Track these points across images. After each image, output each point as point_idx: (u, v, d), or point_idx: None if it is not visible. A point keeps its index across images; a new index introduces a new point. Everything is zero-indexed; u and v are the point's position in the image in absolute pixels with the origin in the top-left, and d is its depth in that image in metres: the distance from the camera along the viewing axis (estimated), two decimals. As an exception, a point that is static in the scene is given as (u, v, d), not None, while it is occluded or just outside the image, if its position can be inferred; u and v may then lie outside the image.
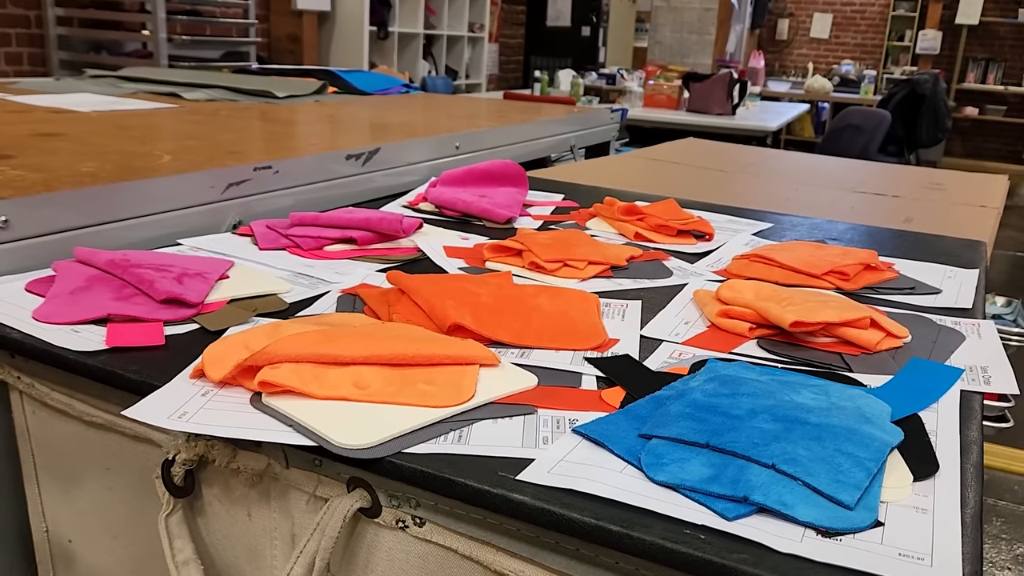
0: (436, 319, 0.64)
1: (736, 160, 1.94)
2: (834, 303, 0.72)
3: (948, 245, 1.11)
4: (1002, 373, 0.62)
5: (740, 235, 1.08)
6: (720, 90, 4.34)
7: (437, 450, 0.48)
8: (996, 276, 4.53)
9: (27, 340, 0.61)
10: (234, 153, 1.06)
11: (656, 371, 0.60)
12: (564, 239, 0.91)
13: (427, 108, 1.91)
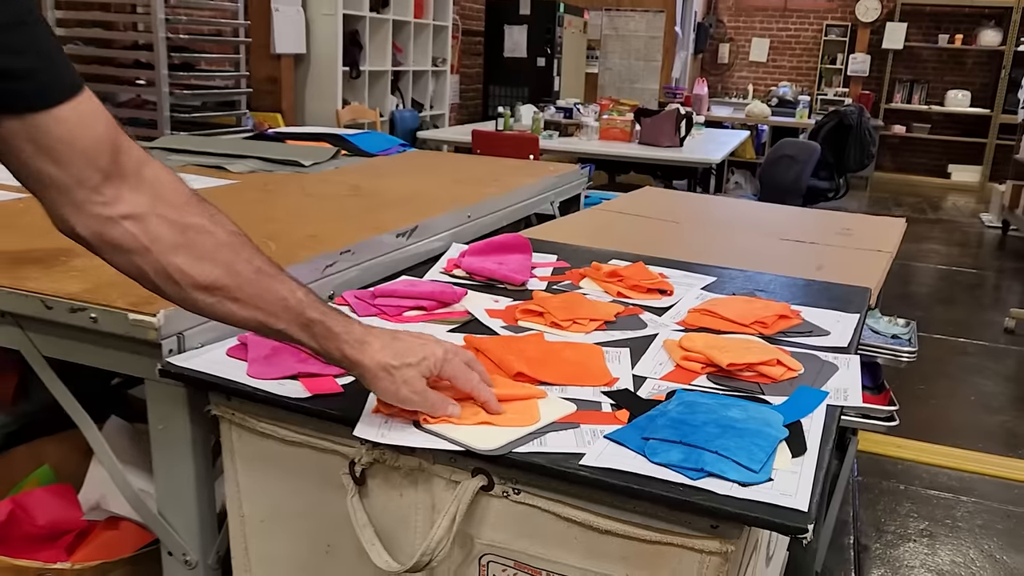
0: (504, 369, 1.01)
1: (687, 209, 2.33)
2: (755, 348, 1.11)
3: (842, 292, 1.51)
4: (855, 393, 1.01)
5: (692, 289, 1.46)
6: (669, 124, 4.77)
7: (529, 450, 0.84)
8: (919, 288, 5.04)
9: (244, 389, 0.96)
10: (313, 237, 1.41)
11: (646, 398, 0.97)
12: (571, 302, 1.28)
13: (430, 171, 2.27)
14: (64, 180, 0.71)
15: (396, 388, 0.83)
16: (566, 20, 7.50)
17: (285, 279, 0.82)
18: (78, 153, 0.71)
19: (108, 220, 0.74)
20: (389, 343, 0.83)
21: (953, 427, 3.07)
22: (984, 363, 3.80)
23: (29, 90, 0.68)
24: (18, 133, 0.69)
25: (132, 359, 1.03)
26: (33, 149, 0.70)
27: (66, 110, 0.70)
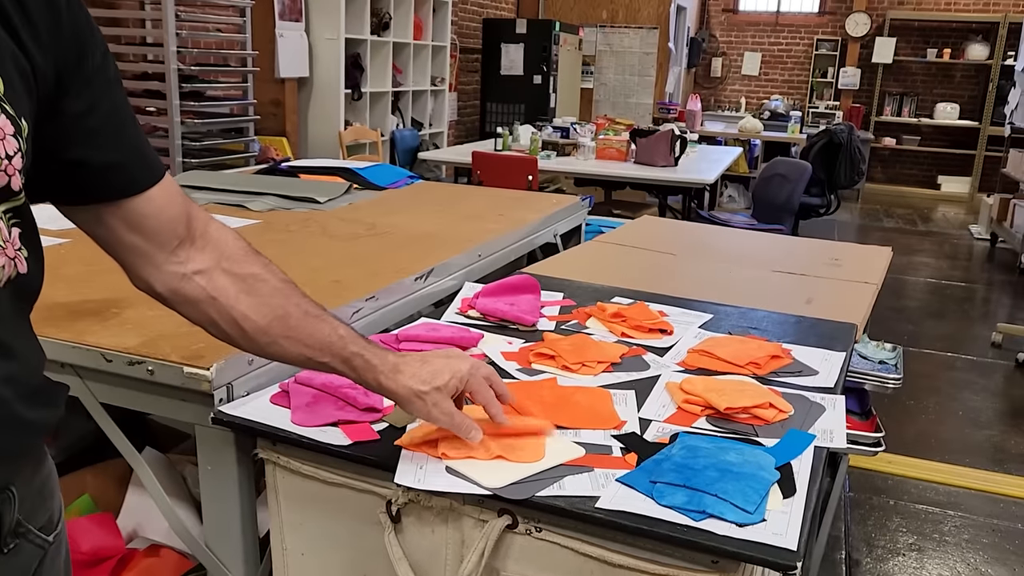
0: (523, 414, 1.11)
1: (683, 240, 2.44)
2: (749, 390, 1.22)
3: (830, 329, 1.62)
4: (840, 435, 1.12)
5: (691, 328, 1.57)
6: (663, 145, 4.89)
7: (550, 493, 0.95)
8: (909, 303, 5.16)
9: (290, 436, 1.06)
10: (339, 283, 1.52)
11: (651, 441, 1.08)
12: (579, 344, 1.39)
13: (438, 205, 2.38)
14: (148, 249, 0.82)
15: (428, 411, 0.94)
16: (562, 38, 7.63)
17: (329, 319, 0.93)
18: (161, 226, 0.82)
19: (182, 277, 0.85)
20: (418, 370, 0.94)
21: (941, 442, 3.18)
22: (972, 378, 3.92)
23: (125, 180, 0.78)
24: (113, 214, 0.79)
25: (185, 407, 1.14)
26: (124, 226, 0.80)
27: (153, 192, 0.80)
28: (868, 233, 7.46)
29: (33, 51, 0.67)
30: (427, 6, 6.26)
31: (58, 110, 0.71)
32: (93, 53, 0.73)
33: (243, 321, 0.87)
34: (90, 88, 0.73)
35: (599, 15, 8.84)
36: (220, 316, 0.86)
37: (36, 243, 0.71)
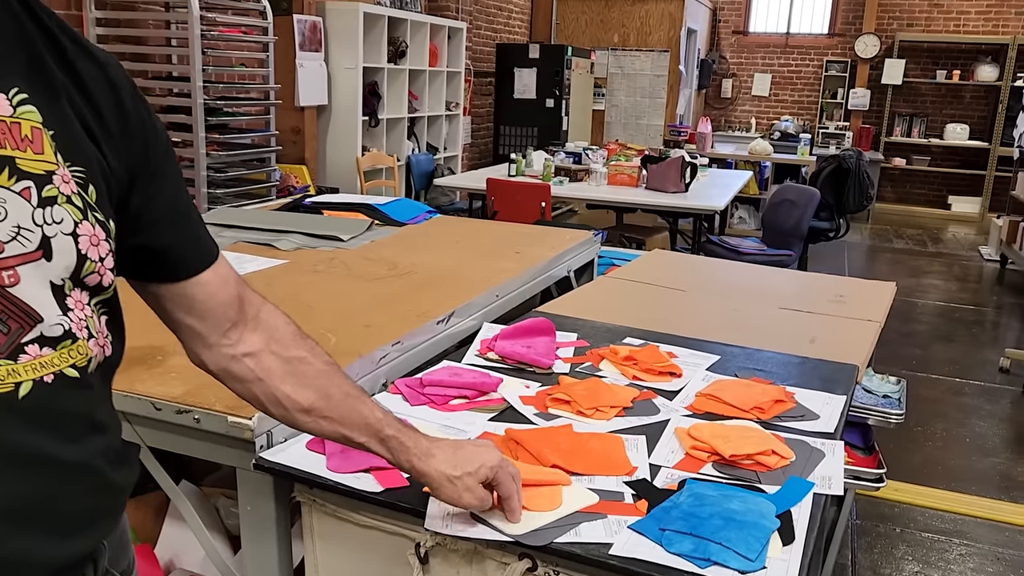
0: (541, 460, 1.20)
1: (692, 276, 2.52)
2: (754, 436, 1.30)
3: (832, 370, 1.70)
4: (838, 481, 1.20)
5: (699, 370, 1.65)
6: (674, 171, 4.97)
7: (567, 539, 1.03)
8: (918, 326, 5.21)
9: (326, 482, 1.15)
10: (368, 327, 1.61)
11: (661, 488, 1.16)
12: (593, 389, 1.47)
13: (455, 242, 2.47)
14: (201, 329, 0.90)
15: (458, 495, 1.00)
16: (574, 63, 7.75)
17: (367, 401, 1.00)
18: (214, 309, 0.90)
19: (233, 358, 0.92)
20: (451, 455, 1.01)
21: (948, 469, 3.24)
22: (979, 404, 3.97)
23: (179, 264, 0.87)
24: (168, 296, 0.88)
25: (228, 452, 1.23)
26: (178, 307, 0.89)
27: (206, 276, 0.89)
28: (877, 255, 7.52)
29: (110, 156, 0.76)
30: (442, 33, 6.39)
31: (126, 202, 0.80)
32: (156, 146, 0.82)
33: (286, 401, 0.94)
34: (154, 181, 0.82)
35: (610, 39, 8.96)
36: (265, 395, 0.94)
37: (120, 326, 0.81)
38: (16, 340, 0.67)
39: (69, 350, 0.71)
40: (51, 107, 0.71)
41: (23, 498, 0.68)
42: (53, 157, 0.70)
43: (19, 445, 0.67)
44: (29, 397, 0.67)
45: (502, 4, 8.30)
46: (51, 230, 0.68)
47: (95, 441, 0.75)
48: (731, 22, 10.38)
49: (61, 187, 0.70)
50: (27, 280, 0.67)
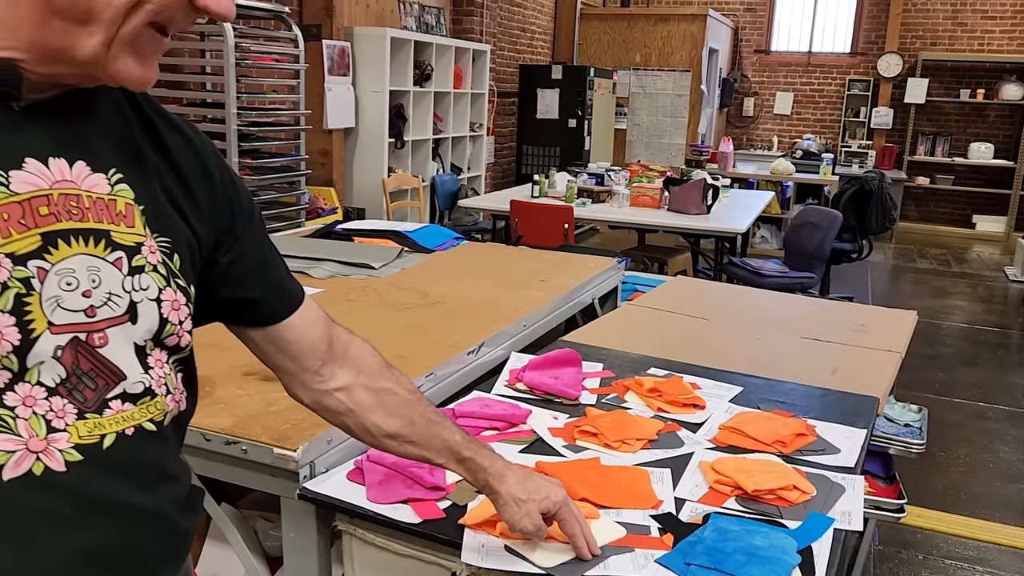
0: (570, 493, 1.25)
1: (715, 303, 2.57)
2: (776, 471, 1.34)
3: (853, 403, 1.74)
4: (857, 517, 1.24)
5: (722, 402, 1.70)
6: (696, 193, 5.02)
7: (595, 573, 1.08)
8: (943, 349, 5.20)
9: (367, 513, 1.21)
10: (403, 358, 1.68)
11: (686, 522, 1.21)
12: (619, 421, 1.53)
13: (482, 269, 2.53)
14: (294, 368, 0.98)
15: (519, 518, 1.05)
16: (596, 83, 7.83)
17: (448, 425, 1.07)
18: (304, 349, 0.97)
19: (325, 393, 1.00)
20: (522, 480, 1.07)
21: (971, 496, 3.24)
22: (1004, 428, 3.97)
23: (267, 312, 0.94)
24: (261, 339, 0.96)
25: (273, 481, 1.29)
26: (270, 349, 0.97)
27: (294, 319, 0.96)
28: (901, 275, 7.50)
29: (196, 225, 0.84)
30: (467, 56, 6.49)
31: (213, 262, 0.88)
32: (241, 210, 0.90)
33: (374, 429, 1.02)
34: (240, 242, 0.90)
35: (632, 59, 9.03)
36: (355, 425, 1.02)
37: (194, 382, 0.88)
38: (102, 396, 0.73)
39: (148, 405, 0.77)
40: (143, 184, 0.78)
41: (105, 543, 0.74)
42: (142, 230, 0.77)
43: (102, 493, 0.73)
44: (112, 448, 0.74)
45: (525, 26, 8.40)
46: (138, 296, 0.76)
47: (167, 490, 0.81)
48: (753, 41, 10.42)
49: (148, 257, 0.77)
50: (114, 341, 0.74)
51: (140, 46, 0.70)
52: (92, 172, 0.74)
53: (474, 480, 1.07)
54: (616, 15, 9.43)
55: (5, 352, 0.67)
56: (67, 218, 0.71)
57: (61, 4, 0.66)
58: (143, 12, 0.68)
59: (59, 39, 0.68)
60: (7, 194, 0.68)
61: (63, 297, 0.70)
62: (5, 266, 0.67)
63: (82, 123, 0.75)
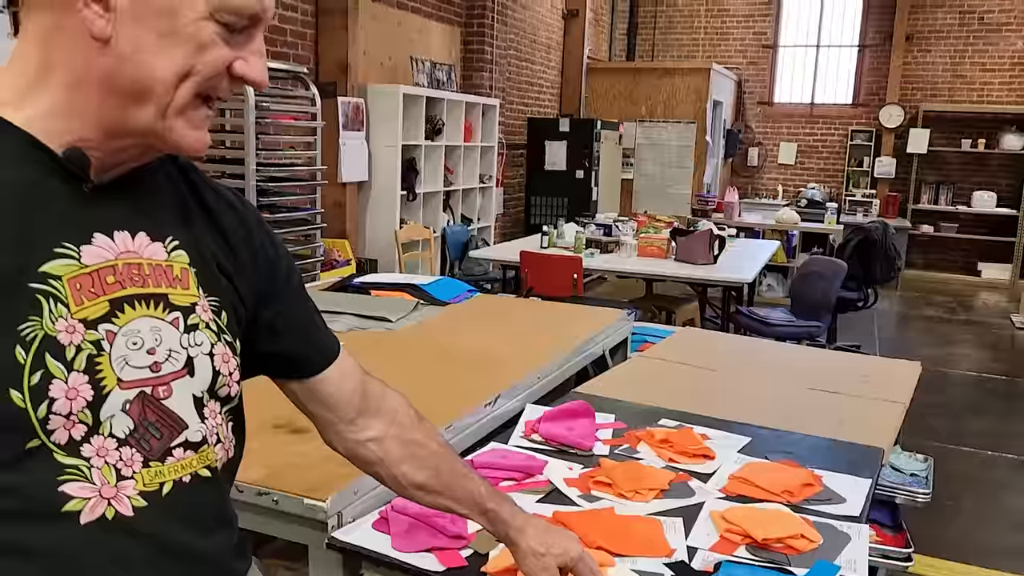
0: (587, 542, 1.31)
1: (723, 354, 2.63)
2: (784, 520, 1.40)
3: (859, 454, 1.79)
4: (863, 565, 1.30)
5: (731, 452, 1.76)
6: (703, 244, 5.11)
7: (614, 617, 1.14)
8: (950, 398, 5.23)
9: (392, 561, 1.27)
10: (422, 410, 1.74)
11: (698, 570, 1.27)
12: (632, 472, 1.59)
13: (495, 322, 2.61)
14: (330, 418, 1.05)
15: (538, 571, 1.09)
16: (603, 135, 7.99)
17: (473, 478, 1.13)
18: (339, 401, 1.05)
19: (358, 443, 1.07)
20: (542, 534, 1.11)
21: (980, 546, 3.26)
22: (1012, 478, 3.98)
23: (304, 366, 1.02)
24: (300, 391, 1.03)
25: (302, 531, 1.36)
26: (310, 400, 1.04)
27: (331, 372, 1.03)
28: (907, 323, 7.54)
29: (240, 285, 0.92)
30: (477, 110, 6.66)
31: (255, 318, 0.96)
32: (281, 270, 0.99)
33: (403, 479, 1.08)
34: (279, 300, 0.98)
35: (638, 111, 9.22)
36: (385, 474, 1.09)
37: (242, 430, 0.95)
38: (166, 444, 0.81)
39: (205, 453, 0.85)
40: (195, 250, 0.87)
41: None
42: (196, 291, 0.86)
43: (165, 537, 0.81)
44: (170, 495, 0.81)
45: (533, 80, 8.61)
46: (194, 351, 0.84)
47: (222, 534, 0.88)
48: (756, 93, 10.63)
49: (201, 315, 0.85)
50: (177, 394, 0.82)
51: (190, 115, 0.79)
52: (152, 241, 0.83)
53: (495, 531, 1.12)
54: (622, 69, 9.64)
55: (81, 407, 0.75)
56: (131, 284, 0.80)
57: (118, 84, 0.75)
58: (190, 84, 0.77)
59: (119, 115, 0.77)
60: (79, 267, 0.77)
61: (130, 356, 0.78)
62: (79, 330, 0.75)
63: (142, 198, 0.84)
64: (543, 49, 8.79)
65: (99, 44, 0.74)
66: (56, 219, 0.77)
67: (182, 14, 0.74)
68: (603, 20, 10.50)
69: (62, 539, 0.74)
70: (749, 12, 10.51)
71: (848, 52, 10.24)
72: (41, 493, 0.74)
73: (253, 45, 0.80)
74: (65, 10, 0.74)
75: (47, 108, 0.76)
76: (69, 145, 0.77)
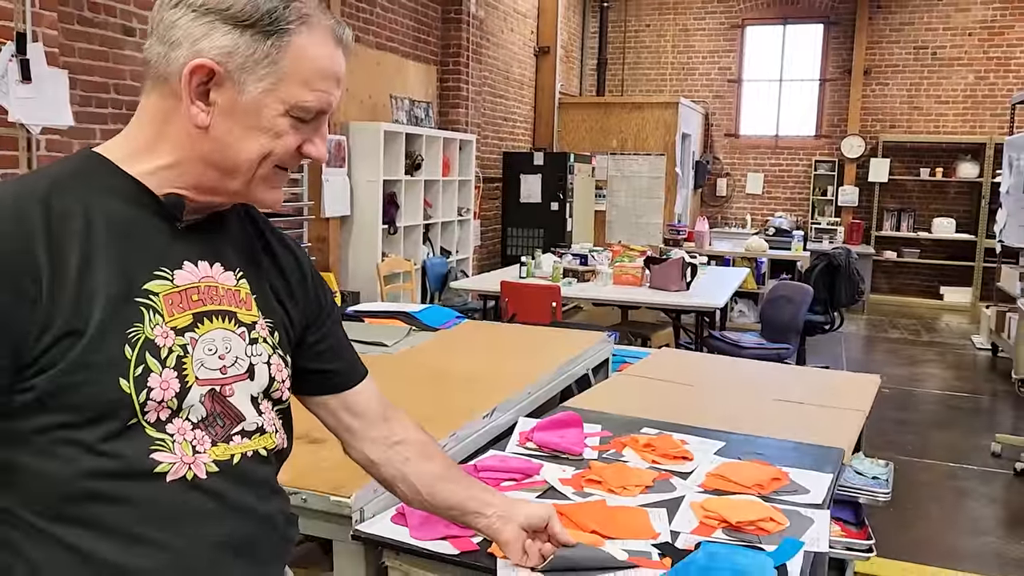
0: (582, 528, 1.48)
1: (698, 371, 2.83)
2: (756, 507, 1.58)
3: (822, 453, 1.98)
4: (824, 541, 1.48)
5: (707, 454, 1.94)
6: (676, 271, 5.33)
7: (609, 588, 1.31)
8: (914, 415, 5.46)
9: (411, 548, 1.43)
10: (428, 420, 1.91)
11: (681, 548, 1.44)
12: (620, 472, 1.76)
13: (485, 345, 2.78)
14: (361, 427, 1.22)
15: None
16: (577, 168, 8.24)
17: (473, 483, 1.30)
18: (368, 410, 1.22)
19: (387, 447, 1.23)
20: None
21: (943, 549, 3.45)
22: (973, 486, 4.20)
23: (341, 381, 1.20)
24: (336, 404, 1.20)
25: (328, 527, 1.51)
26: (345, 412, 1.21)
27: (362, 387, 1.22)
28: (874, 345, 7.81)
29: (292, 311, 1.12)
30: (454, 145, 6.88)
31: (302, 341, 1.15)
32: (326, 303, 1.18)
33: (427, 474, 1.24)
34: (323, 327, 1.17)
35: (610, 144, 9.51)
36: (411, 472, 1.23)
37: (291, 429, 1.13)
38: (228, 432, 1.00)
39: (260, 439, 1.03)
40: (257, 281, 1.07)
41: (233, 536, 0.99)
42: (256, 313, 1.05)
43: (232, 497, 0.98)
44: (239, 465, 1.00)
45: (507, 115, 8.87)
46: (255, 360, 1.03)
47: (277, 502, 1.07)
48: (723, 126, 10.99)
49: (260, 332, 1.05)
50: (238, 393, 1.01)
51: (270, 180, 1.00)
52: (224, 271, 1.03)
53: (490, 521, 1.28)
54: (593, 104, 9.95)
55: (170, 397, 0.94)
56: (210, 303, 1.00)
57: (213, 161, 0.96)
58: (269, 161, 0.98)
59: (214, 181, 0.98)
60: (171, 286, 0.96)
61: (205, 359, 0.98)
62: (171, 336, 0.95)
63: (219, 237, 1.05)
64: (516, 85, 9.07)
65: (200, 131, 0.94)
66: (156, 249, 0.97)
67: (264, 113, 0.95)
68: (573, 56, 10.84)
69: (154, 493, 0.92)
70: (714, 48, 10.90)
71: (810, 86, 10.65)
72: (138, 458, 0.92)
73: (320, 129, 1.00)
74: (177, 104, 0.95)
75: (154, 168, 0.97)
76: (170, 193, 0.97)
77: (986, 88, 9.80)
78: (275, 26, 0.93)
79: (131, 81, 4.23)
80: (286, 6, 0.94)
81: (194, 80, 0.92)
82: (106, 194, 0.94)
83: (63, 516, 0.90)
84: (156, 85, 0.96)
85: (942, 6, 9.89)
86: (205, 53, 0.92)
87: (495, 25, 8.34)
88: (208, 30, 0.92)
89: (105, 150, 0.98)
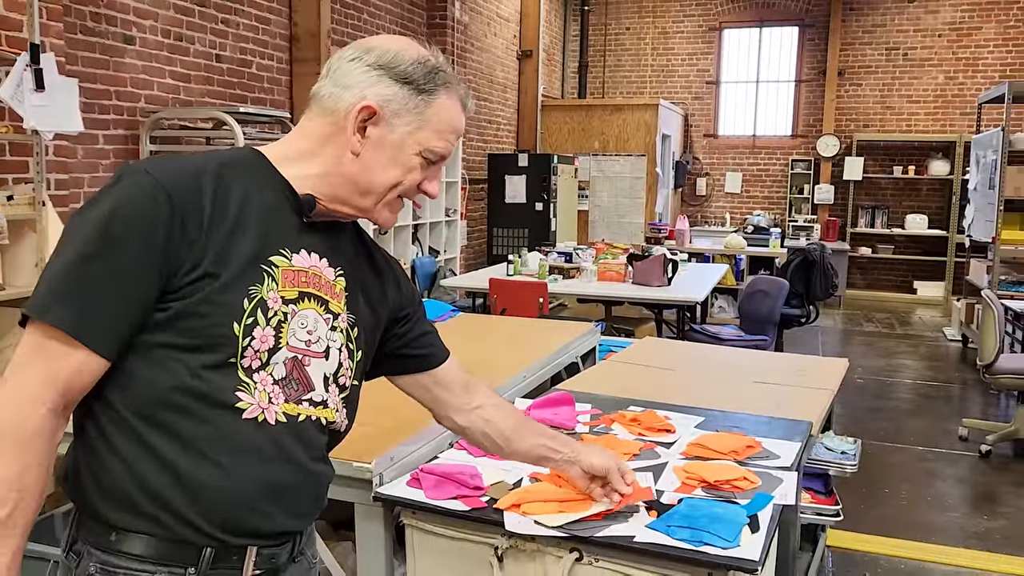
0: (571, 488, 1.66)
1: (680, 357, 3.02)
2: (731, 469, 1.77)
3: (792, 425, 2.18)
4: (791, 496, 1.67)
5: (688, 427, 2.13)
6: (657, 267, 5.53)
7: (602, 533, 1.49)
8: (888, 403, 5.70)
9: (426, 506, 1.61)
10: (432, 401, 2.09)
11: (665, 503, 1.63)
12: (609, 442, 1.95)
13: (482, 336, 2.97)
14: (450, 398, 1.43)
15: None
16: (560, 169, 8.44)
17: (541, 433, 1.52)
18: (455, 383, 1.43)
19: (472, 411, 1.45)
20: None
21: (912, 524, 3.67)
22: (941, 467, 4.43)
23: (435, 359, 1.41)
24: (429, 381, 1.41)
25: (349, 491, 1.69)
26: (436, 386, 1.42)
27: (448, 364, 1.43)
28: (850, 338, 8.06)
29: (380, 311, 1.31)
30: (441, 148, 7.04)
31: (395, 333, 1.36)
32: (415, 300, 1.40)
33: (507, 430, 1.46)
34: (412, 319, 1.39)
35: (592, 145, 9.72)
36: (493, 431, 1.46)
37: (354, 412, 1.30)
38: (300, 395, 1.17)
39: (323, 411, 1.21)
40: (352, 280, 1.26)
41: (280, 482, 1.16)
42: (343, 307, 1.24)
43: (289, 448, 1.16)
44: (303, 423, 1.17)
45: (491, 118, 9.05)
46: (332, 344, 1.22)
47: (324, 467, 1.24)
48: (702, 126, 11.23)
49: (341, 323, 1.23)
50: (314, 366, 1.19)
51: (392, 205, 1.22)
52: (329, 266, 1.23)
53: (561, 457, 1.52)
54: (574, 106, 10.15)
55: (265, 349, 1.13)
56: (312, 287, 1.19)
57: (354, 180, 1.18)
58: (396, 190, 1.20)
59: (349, 196, 1.20)
60: (289, 264, 1.17)
61: (296, 331, 1.17)
62: (279, 302, 1.14)
63: (333, 239, 1.25)
64: (500, 88, 9.25)
65: (353, 156, 1.17)
66: (286, 233, 1.17)
67: (403, 150, 1.18)
68: (555, 60, 11.05)
69: (230, 423, 1.11)
70: (692, 51, 11.14)
71: (786, 87, 10.92)
72: (225, 390, 1.10)
73: (437, 172, 1.24)
74: (340, 132, 1.17)
75: (304, 174, 1.19)
76: (307, 194, 1.19)
77: (955, 88, 10.10)
78: (427, 87, 1.18)
79: (131, 88, 4.38)
80: (436, 73, 1.19)
81: (359, 116, 1.15)
82: (262, 181, 1.16)
83: (153, 419, 1.08)
84: (321, 114, 1.18)
85: (912, 8, 10.19)
86: (371, 97, 1.15)
87: (479, 30, 8.52)
88: (376, 81, 1.16)
89: (266, 151, 1.20)
